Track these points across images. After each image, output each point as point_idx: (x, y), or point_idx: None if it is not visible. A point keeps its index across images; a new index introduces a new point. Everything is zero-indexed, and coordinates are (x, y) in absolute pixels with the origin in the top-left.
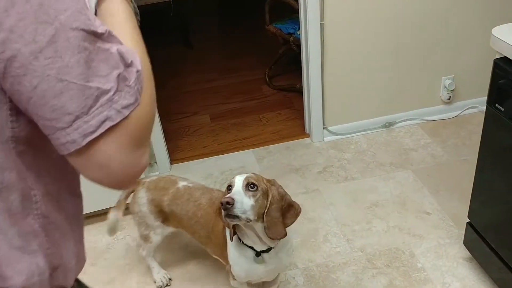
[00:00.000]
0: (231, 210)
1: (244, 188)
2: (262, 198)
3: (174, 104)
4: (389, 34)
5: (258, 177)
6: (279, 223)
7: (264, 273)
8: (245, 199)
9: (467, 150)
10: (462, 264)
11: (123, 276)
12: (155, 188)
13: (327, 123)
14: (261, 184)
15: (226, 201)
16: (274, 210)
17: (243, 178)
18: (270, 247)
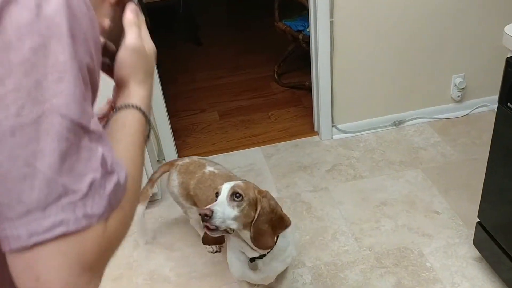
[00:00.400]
0: (210, 221)
1: (228, 198)
2: (249, 209)
3: (183, 101)
4: (399, 32)
5: (247, 185)
6: (267, 234)
7: (259, 279)
8: (227, 210)
9: (477, 149)
10: (471, 264)
11: (130, 273)
12: (185, 172)
13: (336, 121)
14: (249, 194)
15: (204, 213)
16: (262, 222)
17: (229, 187)
18: (263, 254)
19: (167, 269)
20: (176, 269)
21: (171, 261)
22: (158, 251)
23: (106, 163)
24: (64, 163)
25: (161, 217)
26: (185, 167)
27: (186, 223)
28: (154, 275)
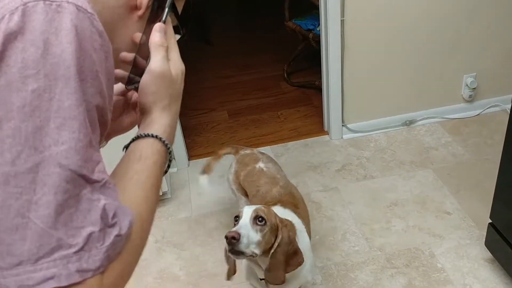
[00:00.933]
0: (237, 246)
1: (251, 221)
2: (270, 234)
3: (193, 100)
4: (410, 31)
5: (269, 211)
6: (281, 268)
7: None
8: (251, 233)
9: (488, 149)
10: (483, 266)
11: (140, 271)
12: (241, 162)
13: (346, 121)
14: (271, 219)
15: (232, 235)
16: (280, 253)
17: (251, 210)
18: None
19: (177, 268)
20: (186, 268)
21: (181, 260)
22: (168, 250)
23: (107, 215)
24: (60, 215)
25: (171, 216)
26: (243, 158)
27: (197, 222)
28: (164, 274)
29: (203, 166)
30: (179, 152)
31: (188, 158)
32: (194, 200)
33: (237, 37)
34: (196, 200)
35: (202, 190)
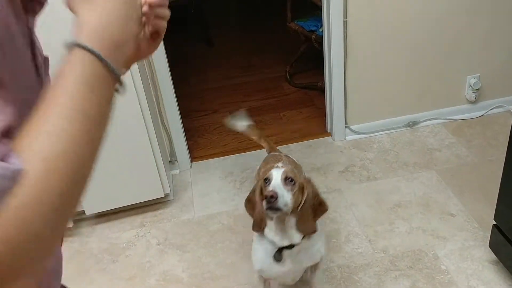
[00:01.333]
0: (275, 204)
1: (282, 182)
2: (298, 193)
3: (195, 102)
4: (413, 32)
5: (294, 171)
6: (310, 219)
7: (280, 272)
8: (285, 193)
9: (492, 150)
10: (487, 267)
11: (143, 273)
12: (265, 161)
13: (349, 122)
14: (298, 179)
15: (271, 194)
16: (307, 207)
17: (281, 172)
18: (292, 244)
19: (179, 270)
20: (189, 270)
21: (184, 262)
22: (171, 252)
23: None
24: None
25: (173, 217)
26: (269, 157)
27: (199, 224)
28: (167, 275)
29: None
30: (182, 154)
31: (191, 160)
32: (196, 202)
33: (239, 38)
34: (199, 202)
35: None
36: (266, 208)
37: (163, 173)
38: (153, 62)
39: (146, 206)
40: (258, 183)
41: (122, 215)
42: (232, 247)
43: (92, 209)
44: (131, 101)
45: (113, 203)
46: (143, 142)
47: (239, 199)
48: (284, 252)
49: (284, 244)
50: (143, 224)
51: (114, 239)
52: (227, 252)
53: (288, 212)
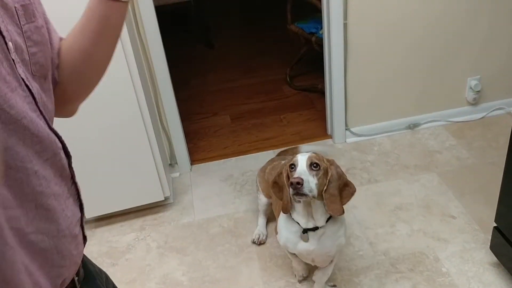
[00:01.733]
0: (301, 190)
1: (308, 168)
2: (323, 177)
3: (195, 104)
4: (414, 34)
5: (318, 156)
6: (337, 200)
7: (304, 251)
8: (310, 179)
9: (493, 152)
10: (488, 270)
11: (143, 277)
12: (271, 160)
13: (349, 124)
14: (322, 164)
15: (297, 181)
16: (332, 188)
17: (306, 158)
18: (316, 227)
19: (179, 273)
20: (189, 274)
21: (184, 266)
22: (171, 255)
23: None
24: None
25: (173, 221)
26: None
27: (199, 227)
28: (167, 279)
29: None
30: (182, 156)
31: (191, 163)
32: (196, 205)
33: (240, 41)
34: (199, 205)
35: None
36: (292, 194)
37: (163, 176)
38: (152, 65)
39: (146, 209)
40: (284, 167)
41: (122, 218)
42: (232, 250)
43: (92, 212)
44: (130, 104)
45: (113, 206)
46: (143, 145)
47: (239, 202)
48: (309, 233)
49: (309, 226)
50: (143, 228)
51: (114, 242)
52: (227, 255)
53: (314, 196)
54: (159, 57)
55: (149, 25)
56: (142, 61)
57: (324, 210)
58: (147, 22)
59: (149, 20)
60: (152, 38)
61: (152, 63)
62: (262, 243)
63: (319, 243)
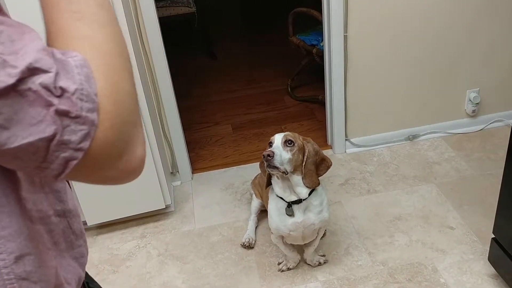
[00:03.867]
0: (272, 162)
1: (282, 144)
2: (298, 153)
3: (197, 114)
4: (413, 46)
5: (294, 135)
6: (314, 174)
7: (293, 225)
8: (283, 153)
9: (492, 164)
10: (486, 281)
11: (143, 284)
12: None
13: (349, 135)
14: (297, 141)
15: (267, 153)
16: (310, 163)
17: (281, 136)
18: (300, 199)
19: (179, 281)
20: (189, 282)
21: (184, 273)
22: (171, 263)
23: (49, 89)
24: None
25: (174, 229)
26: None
27: (200, 236)
28: (167, 287)
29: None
30: (183, 165)
31: (192, 172)
32: (197, 213)
33: (242, 52)
34: (200, 213)
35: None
36: (266, 166)
37: (164, 184)
38: (155, 74)
39: (147, 217)
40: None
41: (123, 226)
42: (232, 258)
43: (93, 219)
44: None
45: (115, 214)
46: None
47: (239, 211)
48: (294, 206)
49: (292, 199)
50: (144, 235)
51: (115, 249)
52: (227, 263)
53: (288, 170)
54: (162, 67)
55: (153, 36)
56: (145, 71)
57: (303, 183)
58: (150, 33)
59: (152, 31)
60: (155, 48)
61: (155, 73)
62: (251, 247)
63: (305, 215)
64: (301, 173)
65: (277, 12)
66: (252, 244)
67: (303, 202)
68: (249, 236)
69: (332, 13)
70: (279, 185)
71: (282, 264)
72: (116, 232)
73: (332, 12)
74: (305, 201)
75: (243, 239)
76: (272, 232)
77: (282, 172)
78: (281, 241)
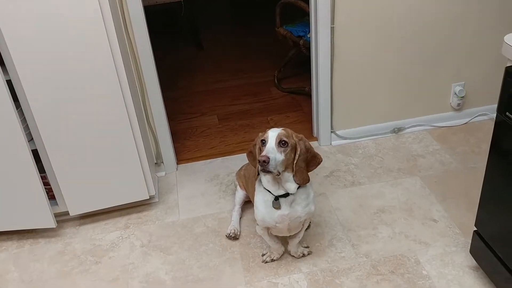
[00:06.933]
0: (267, 167)
1: (276, 145)
2: (291, 152)
3: (183, 104)
4: (400, 39)
5: (288, 133)
6: (304, 171)
7: (279, 217)
8: (277, 155)
9: (476, 157)
10: (468, 273)
11: (126, 275)
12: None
13: (335, 127)
14: (291, 140)
15: (263, 160)
16: (300, 161)
17: (276, 135)
18: (287, 193)
19: (163, 272)
20: (172, 273)
21: (167, 265)
22: (154, 254)
23: None
24: None
25: (158, 220)
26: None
27: (184, 227)
28: (150, 278)
29: None
30: (168, 155)
31: (177, 162)
32: (181, 204)
33: (229, 43)
34: (184, 205)
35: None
36: (260, 170)
37: (148, 175)
38: (140, 64)
39: (131, 207)
40: (258, 140)
41: (107, 216)
42: (216, 250)
43: (76, 209)
44: (116, 103)
45: (98, 204)
46: (128, 144)
47: (224, 202)
48: (281, 200)
49: (280, 193)
50: (127, 226)
51: (98, 240)
52: (211, 255)
53: (281, 170)
54: (147, 57)
55: (138, 25)
56: (130, 61)
57: (293, 179)
58: (135, 22)
59: (137, 20)
60: (140, 38)
61: (140, 62)
62: (236, 238)
63: (291, 208)
64: (292, 171)
65: (265, 2)
66: (237, 235)
67: (290, 196)
68: (233, 227)
69: (319, 4)
70: (268, 179)
71: (266, 255)
72: (99, 222)
73: (319, 3)
74: (292, 195)
75: (228, 230)
76: (258, 223)
77: (275, 175)
78: (266, 232)
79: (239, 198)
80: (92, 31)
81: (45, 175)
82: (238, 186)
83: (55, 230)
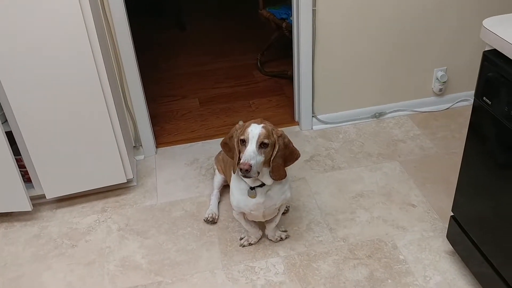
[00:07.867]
0: (249, 174)
1: (257, 147)
2: (270, 150)
3: (164, 87)
4: (382, 24)
5: (268, 131)
6: (281, 167)
7: (254, 205)
8: (258, 158)
9: (456, 143)
10: (444, 258)
11: (102, 259)
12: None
13: (316, 112)
14: (271, 139)
15: (246, 168)
16: (278, 157)
17: (256, 137)
18: (263, 183)
19: (139, 256)
20: (149, 257)
21: (144, 249)
22: (131, 238)
23: None
24: None
25: (135, 203)
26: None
27: (162, 211)
28: (126, 261)
29: None
30: (146, 139)
31: (156, 146)
32: (160, 188)
33: (212, 24)
34: (163, 188)
35: None
36: (241, 175)
37: (126, 158)
38: (117, 43)
39: (109, 191)
40: (236, 134)
41: (84, 200)
42: (194, 234)
43: (52, 193)
44: (92, 83)
45: (74, 187)
46: (105, 126)
47: (203, 186)
48: (256, 189)
49: (256, 185)
50: (104, 210)
51: (75, 223)
52: (188, 238)
53: (260, 170)
54: (124, 36)
55: (115, 4)
56: (107, 41)
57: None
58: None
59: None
60: (117, 18)
61: (117, 41)
62: (214, 223)
63: (267, 196)
64: (269, 166)
65: None
66: (215, 219)
67: (266, 186)
68: (212, 211)
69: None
70: (235, 187)
71: (244, 239)
72: (76, 206)
73: None
74: (268, 185)
75: (206, 214)
76: (234, 208)
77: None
78: (242, 217)
79: (218, 182)
80: (66, 7)
81: (20, 158)
82: (217, 170)
83: (31, 213)
